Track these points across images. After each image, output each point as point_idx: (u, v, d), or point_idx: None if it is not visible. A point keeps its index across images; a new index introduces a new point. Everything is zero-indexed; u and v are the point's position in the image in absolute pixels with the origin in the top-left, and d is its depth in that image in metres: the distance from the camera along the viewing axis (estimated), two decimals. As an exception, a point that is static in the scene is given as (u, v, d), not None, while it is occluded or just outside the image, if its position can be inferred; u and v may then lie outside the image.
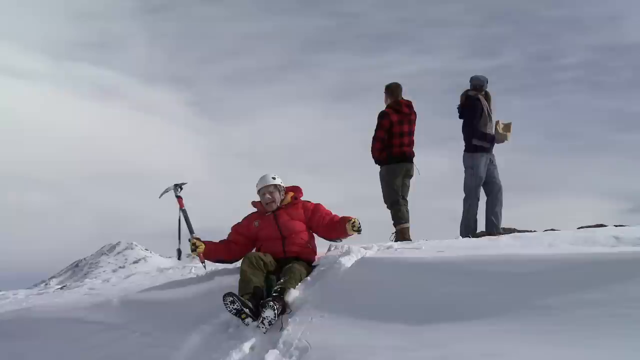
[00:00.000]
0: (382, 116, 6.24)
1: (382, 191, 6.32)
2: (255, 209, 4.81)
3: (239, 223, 4.78)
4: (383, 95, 6.47)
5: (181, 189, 4.96)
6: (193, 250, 4.52)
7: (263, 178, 4.72)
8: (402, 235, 6.11)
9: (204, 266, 4.45)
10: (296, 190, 4.83)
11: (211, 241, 4.69)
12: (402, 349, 3.07)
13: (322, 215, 4.65)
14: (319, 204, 4.76)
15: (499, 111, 6.57)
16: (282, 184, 4.72)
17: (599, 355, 2.63)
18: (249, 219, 4.75)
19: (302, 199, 4.82)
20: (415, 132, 6.33)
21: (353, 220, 4.40)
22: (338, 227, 4.53)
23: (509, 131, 6.33)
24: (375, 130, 6.26)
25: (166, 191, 4.98)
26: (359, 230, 4.40)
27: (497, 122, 6.35)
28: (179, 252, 4.69)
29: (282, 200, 4.68)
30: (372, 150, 6.29)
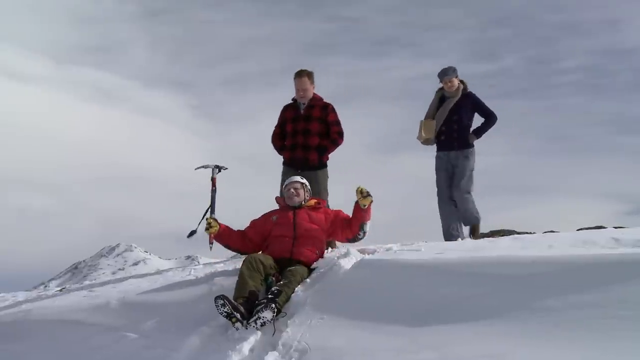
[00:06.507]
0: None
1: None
2: (277, 205, 4.90)
3: (257, 218, 4.84)
4: (300, 81, 5.52)
5: (219, 171, 5.00)
6: (207, 229, 4.52)
7: (291, 177, 4.89)
8: None
9: (211, 247, 4.43)
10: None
11: (228, 226, 4.73)
12: (401, 351, 3.07)
13: (341, 218, 4.73)
14: (340, 210, 4.85)
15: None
16: (309, 187, 4.86)
17: (598, 357, 2.63)
18: (268, 213, 4.82)
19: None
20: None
21: (359, 188, 4.40)
22: (354, 212, 4.56)
23: (421, 130, 6.24)
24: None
25: (204, 167, 5.00)
26: (369, 194, 4.39)
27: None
28: (192, 232, 4.68)
29: (305, 201, 4.78)
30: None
